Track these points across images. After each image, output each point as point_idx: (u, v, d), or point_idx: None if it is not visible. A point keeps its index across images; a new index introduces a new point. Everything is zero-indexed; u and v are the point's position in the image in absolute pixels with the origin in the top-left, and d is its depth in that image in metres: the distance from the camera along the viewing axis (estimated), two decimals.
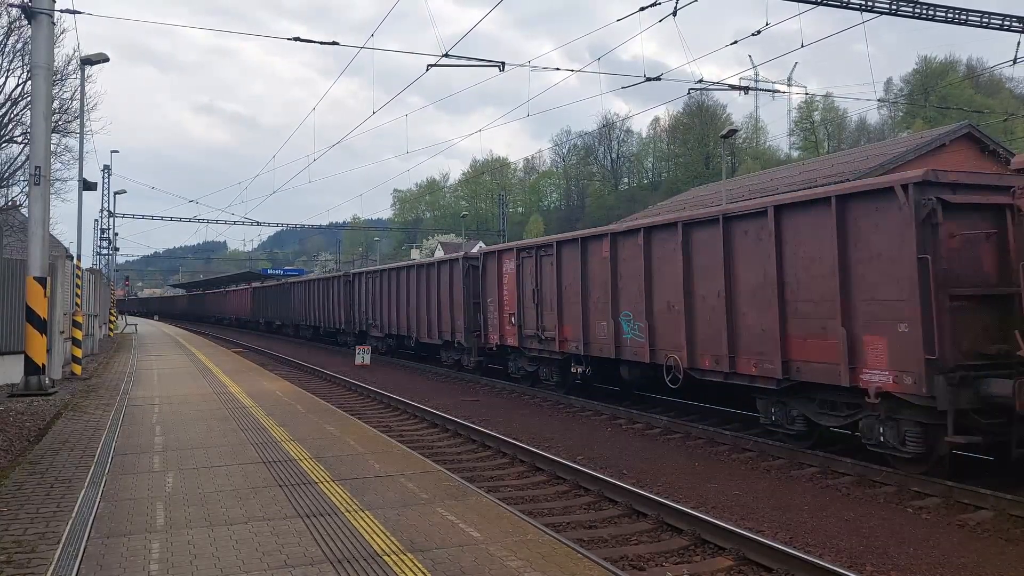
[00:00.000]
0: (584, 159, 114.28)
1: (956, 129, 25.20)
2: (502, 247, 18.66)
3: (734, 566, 6.18)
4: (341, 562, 4.90)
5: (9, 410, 11.37)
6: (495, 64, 16.14)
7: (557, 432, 12.29)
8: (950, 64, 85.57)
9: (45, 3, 13.45)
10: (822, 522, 7.35)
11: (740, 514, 7.59)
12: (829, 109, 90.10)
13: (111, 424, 10.39)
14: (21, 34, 22.43)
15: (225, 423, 10.42)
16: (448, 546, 5.22)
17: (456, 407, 14.94)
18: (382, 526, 5.67)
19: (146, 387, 14.99)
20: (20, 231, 23.29)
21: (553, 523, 7.08)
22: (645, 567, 6.19)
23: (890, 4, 16.94)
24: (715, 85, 26.06)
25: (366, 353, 24.80)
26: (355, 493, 6.63)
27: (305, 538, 5.40)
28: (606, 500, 8.13)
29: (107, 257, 48.99)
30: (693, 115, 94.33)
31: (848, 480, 8.88)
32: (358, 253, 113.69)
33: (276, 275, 64.72)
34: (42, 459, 8.15)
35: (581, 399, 15.05)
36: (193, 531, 5.57)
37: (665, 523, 7.19)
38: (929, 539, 6.84)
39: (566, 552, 5.15)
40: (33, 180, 13.39)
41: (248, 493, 6.66)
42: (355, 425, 10.47)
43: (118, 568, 4.81)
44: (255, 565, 4.85)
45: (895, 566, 6.18)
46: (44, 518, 5.96)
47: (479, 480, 8.99)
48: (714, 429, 11.61)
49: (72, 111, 25.88)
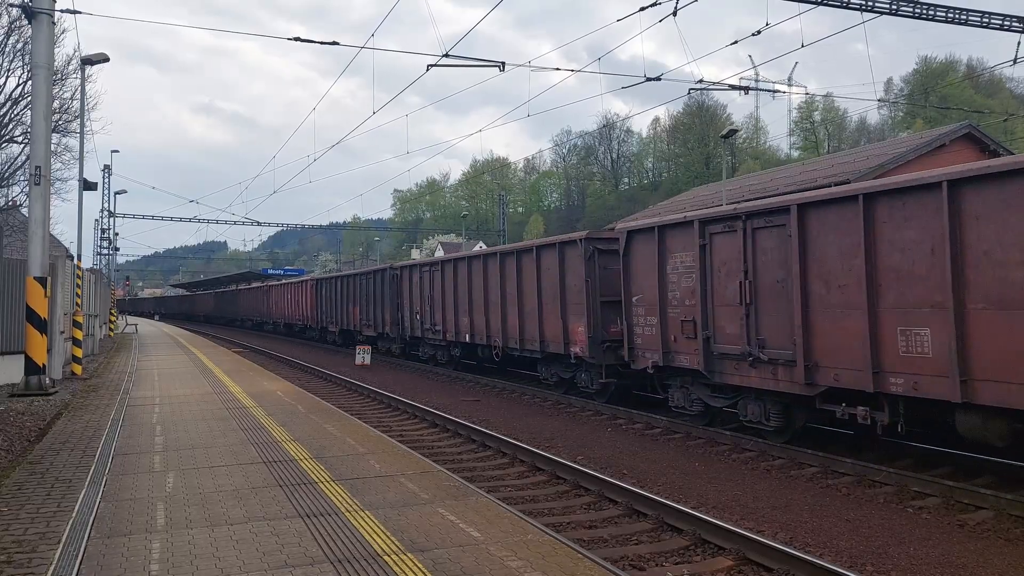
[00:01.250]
0: (584, 159, 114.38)
1: (956, 129, 25.21)
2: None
3: (734, 566, 6.18)
4: (341, 562, 4.90)
5: (9, 410, 11.37)
6: (495, 64, 16.15)
7: (557, 432, 12.29)
8: (950, 64, 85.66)
9: (45, 3, 13.44)
10: (822, 522, 7.35)
11: (740, 514, 7.59)
12: (829, 109, 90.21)
13: (111, 424, 10.39)
14: (21, 34, 22.49)
15: (225, 423, 10.42)
16: (448, 546, 5.22)
17: (456, 407, 14.94)
18: (382, 526, 5.67)
19: (146, 387, 14.99)
20: (20, 231, 23.32)
21: (553, 523, 7.09)
22: (645, 567, 6.19)
23: (890, 4, 16.95)
24: (715, 85, 26.06)
25: (366, 353, 24.78)
26: (355, 493, 6.63)
27: (305, 538, 5.40)
28: (606, 500, 8.13)
29: (107, 257, 49.00)
30: (693, 115, 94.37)
31: (848, 480, 8.88)
32: (358, 253, 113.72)
33: (276, 275, 64.54)
34: (42, 459, 8.15)
35: (582, 399, 15.06)
36: (194, 531, 5.57)
37: (665, 523, 7.19)
38: (929, 539, 6.84)
39: (566, 552, 5.15)
40: (33, 180, 13.39)
41: (248, 493, 6.66)
42: (355, 425, 10.47)
43: (119, 568, 4.81)
44: (255, 565, 4.85)
45: (895, 566, 6.18)
46: (44, 518, 5.97)
47: (479, 480, 8.99)
48: (714, 429, 11.61)
49: (72, 111, 25.97)
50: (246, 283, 64.79)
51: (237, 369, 19.25)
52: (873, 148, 31.60)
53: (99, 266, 44.92)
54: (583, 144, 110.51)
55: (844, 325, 9.04)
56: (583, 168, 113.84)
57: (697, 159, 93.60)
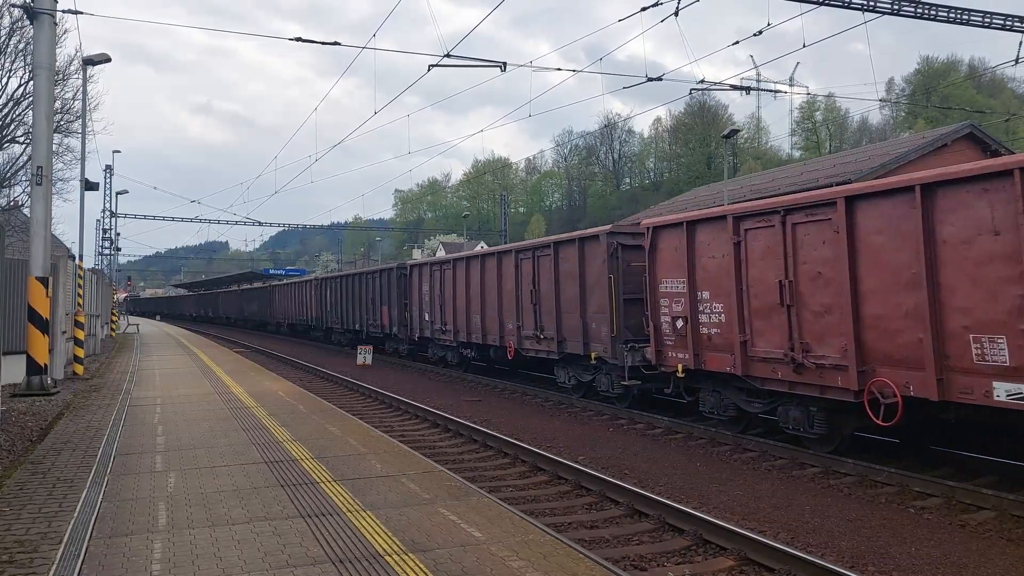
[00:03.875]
0: (586, 159, 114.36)
1: (958, 129, 25.19)
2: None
3: (736, 566, 6.18)
4: (343, 562, 4.90)
5: (11, 410, 11.38)
6: (497, 64, 16.16)
7: (559, 432, 12.29)
8: (952, 64, 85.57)
9: (47, 3, 13.46)
10: (824, 522, 7.35)
11: (742, 514, 7.59)
12: (831, 109, 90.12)
13: (113, 424, 10.40)
14: (23, 34, 22.51)
15: (227, 423, 10.43)
16: (450, 546, 5.22)
17: (458, 407, 14.94)
18: (384, 526, 5.67)
19: (148, 387, 15.00)
20: (22, 231, 23.33)
21: (555, 523, 7.08)
22: (647, 567, 6.19)
23: (892, 4, 16.95)
24: (716, 85, 26.07)
25: (368, 353, 24.79)
26: (357, 493, 6.64)
27: (307, 538, 5.40)
28: (608, 500, 8.13)
29: (109, 257, 49.04)
30: (695, 115, 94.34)
31: (850, 480, 8.87)
32: (360, 253, 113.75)
33: (278, 275, 64.59)
34: (44, 459, 8.16)
35: (583, 399, 15.05)
36: (195, 531, 5.57)
37: (667, 523, 7.19)
38: (931, 539, 6.84)
39: (567, 552, 5.15)
40: (35, 180, 13.40)
41: (250, 493, 6.66)
42: (357, 425, 10.48)
43: (120, 568, 4.81)
44: (257, 565, 4.85)
45: (897, 566, 6.18)
46: (46, 518, 5.97)
47: (481, 480, 8.99)
48: (715, 430, 11.60)
49: (74, 111, 25.98)
50: (248, 283, 64.79)
51: (238, 369, 19.26)
52: (875, 148, 31.57)
53: (100, 266, 44.95)
54: (584, 144, 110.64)
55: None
56: (584, 168, 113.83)
57: (699, 159, 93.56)
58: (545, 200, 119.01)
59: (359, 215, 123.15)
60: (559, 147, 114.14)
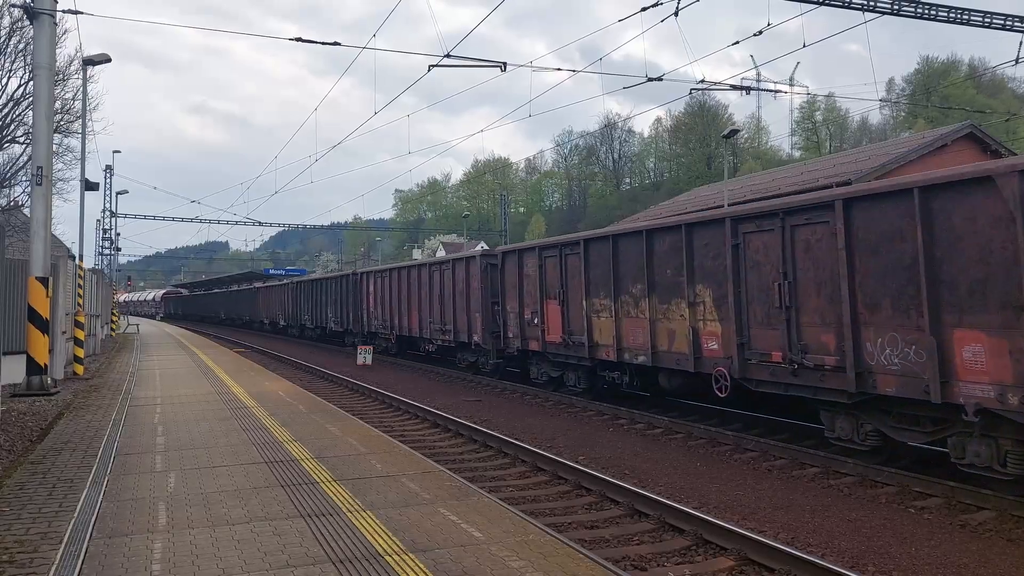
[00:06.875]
0: (586, 159, 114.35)
1: (958, 129, 25.17)
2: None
3: (736, 566, 6.18)
4: (343, 562, 4.90)
5: (11, 410, 11.39)
6: (497, 64, 16.16)
7: (559, 432, 12.29)
8: (952, 64, 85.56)
9: (47, 3, 13.46)
10: (824, 522, 7.35)
11: (742, 514, 7.59)
12: (831, 109, 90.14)
13: (113, 424, 10.40)
14: (23, 34, 22.52)
15: (227, 423, 10.43)
16: (450, 546, 5.22)
17: (458, 407, 14.94)
18: (384, 526, 5.67)
19: (148, 387, 15.00)
20: (22, 231, 23.32)
21: (555, 523, 7.08)
22: (647, 567, 6.19)
23: (892, 4, 16.95)
24: (716, 85, 26.07)
25: (368, 353, 24.79)
26: (357, 493, 6.64)
27: (307, 538, 5.40)
28: (608, 500, 8.13)
29: (109, 257, 49.02)
30: (695, 115, 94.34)
31: (850, 480, 8.87)
32: (360, 253, 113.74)
33: (278, 275, 64.71)
34: (44, 459, 8.16)
35: (583, 399, 15.05)
36: (195, 531, 5.57)
37: (667, 523, 7.19)
38: (931, 539, 6.83)
39: (568, 552, 5.15)
40: (35, 180, 13.41)
41: (250, 493, 6.67)
42: (357, 425, 10.48)
43: (120, 568, 4.81)
44: (257, 565, 4.85)
45: (897, 566, 6.17)
46: (46, 518, 5.97)
47: (481, 480, 9.00)
48: (716, 430, 11.60)
49: (74, 111, 25.98)
50: (247, 283, 65.38)
51: (238, 369, 19.27)
52: (875, 148, 31.57)
53: (101, 266, 44.95)
54: (584, 144, 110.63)
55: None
56: (585, 168, 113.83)
57: (699, 159, 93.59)
58: (545, 200, 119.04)
59: (359, 215, 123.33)
60: (559, 147, 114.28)
